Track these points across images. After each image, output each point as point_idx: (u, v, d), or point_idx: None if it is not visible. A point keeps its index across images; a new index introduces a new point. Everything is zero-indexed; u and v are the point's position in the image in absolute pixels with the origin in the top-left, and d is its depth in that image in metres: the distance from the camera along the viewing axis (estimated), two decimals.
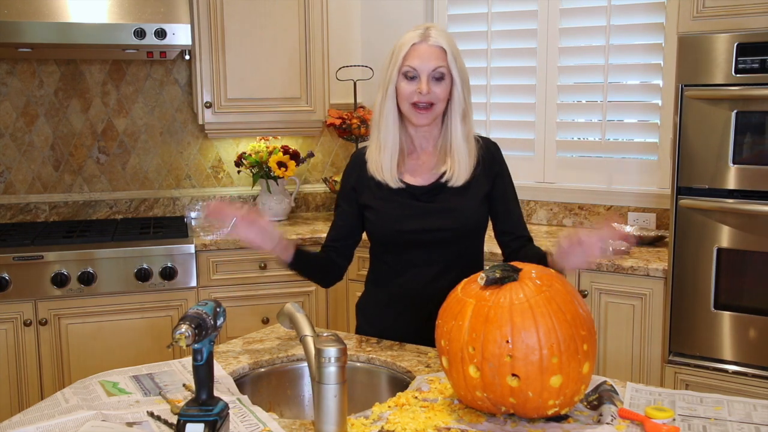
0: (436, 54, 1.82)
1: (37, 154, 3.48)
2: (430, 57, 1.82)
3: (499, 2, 3.41)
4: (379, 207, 1.92)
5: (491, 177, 1.93)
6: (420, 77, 1.82)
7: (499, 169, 1.95)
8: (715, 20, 2.42)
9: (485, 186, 1.92)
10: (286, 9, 3.36)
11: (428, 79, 1.82)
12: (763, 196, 2.39)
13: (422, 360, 1.75)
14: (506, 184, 1.96)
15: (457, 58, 1.85)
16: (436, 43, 1.82)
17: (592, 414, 1.42)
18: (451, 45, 1.85)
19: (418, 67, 1.82)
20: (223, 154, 3.70)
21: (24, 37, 2.88)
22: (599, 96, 3.24)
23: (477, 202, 1.91)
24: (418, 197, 1.90)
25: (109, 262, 2.97)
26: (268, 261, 3.17)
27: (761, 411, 1.44)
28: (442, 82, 1.83)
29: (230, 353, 1.80)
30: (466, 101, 1.88)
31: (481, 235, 1.98)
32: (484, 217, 1.95)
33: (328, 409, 1.30)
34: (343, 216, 1.99)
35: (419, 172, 1.92)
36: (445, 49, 1.83)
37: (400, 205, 1.90)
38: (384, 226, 1.92)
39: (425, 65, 1.82)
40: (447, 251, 1.91)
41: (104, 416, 1.41)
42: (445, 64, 1.83)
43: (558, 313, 1.34)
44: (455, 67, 1.84)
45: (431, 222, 1.88)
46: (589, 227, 1.69)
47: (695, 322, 2.53)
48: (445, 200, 1.89)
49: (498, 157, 1.97)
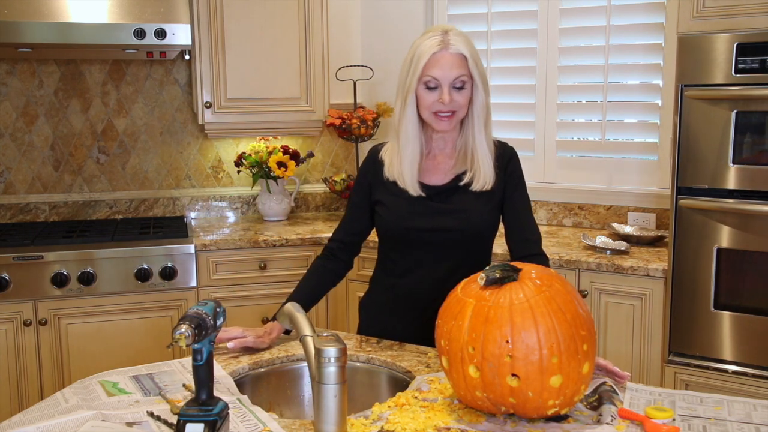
0: (458, 62, 1.79)
1: (37, 154, 3.48)
2: (452, 66, 1.79)
3: (499, 2, 3.41)
4: (390, 203, 1.92)
5: (508, 183, 1.92)
6: (441, 87, 1.79)
7: (515, 177, 1.93)
8: (715, 20, 2.42)
9: (498, 192, 1.91)
10: (286, 9, 3.36)
11: (450, 89, 1.79)
12: (763, 196, 2.39)
13: (422, 360, 1.75)
14: (521, 192, 1.94)
15: (477, 63, 1.82)
16: (457, 50, 1.79)
17: (592, 414, 1.42)
18: (471, 49, 1.81)
19: (440, 77, 1.79)
20: (223, 154, 3.70)
21: (24, 37, 2.88)
22: (599, 96, 3.24)
23: (490, 207, 1.90)
24: (431, 197, 1.90)
25: (109, 262, 2.97)
26: (268, 261, 3.17)
27: (761, 411, 1.44)
28: (464, 90, 1.82)
29: (230, 353, 1.80)
30: (487, 106, 1.87)
31: (490, 238, 1.96)
32: (494, 221, 1.93)
33: (328, 409, 1.30)
34: (354, 209, 2.00)
35: (435, 171, 1.92)
36: (466, 55, 1.79)
37: (412, 203, 1.89)
38: (393, 223, 1.92)
39: (447, 75, 1.79)
40: (454, 252, 1.90)
41: (104, 416, 1.41)
42: (466, 71, 1.80)
43: (558, 313, 1.34)
44: (477, 73, 1.82)
45: (440, 222, 1.88)
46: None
47: (695, 322, 2.53)
48: (458, 201, 1.89)
49: (515, 164, 1.95)
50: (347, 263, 2.04)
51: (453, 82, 1.79)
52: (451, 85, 1.80)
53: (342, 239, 2.02)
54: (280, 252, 3.19)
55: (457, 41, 1.80)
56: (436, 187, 1.90)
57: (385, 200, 1.92)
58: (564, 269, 2.72)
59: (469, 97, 1.83)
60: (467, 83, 1.81)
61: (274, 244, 3.17)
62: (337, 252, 2.01)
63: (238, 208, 3.75)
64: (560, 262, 2.73)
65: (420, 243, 1.90)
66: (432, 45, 1.79)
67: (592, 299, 2.71)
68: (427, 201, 1.89)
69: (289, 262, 3.20)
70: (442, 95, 1.79)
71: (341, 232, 2.02)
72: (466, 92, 1.82)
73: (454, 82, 1.79)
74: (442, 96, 1.79)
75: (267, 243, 3.17)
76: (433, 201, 1.89)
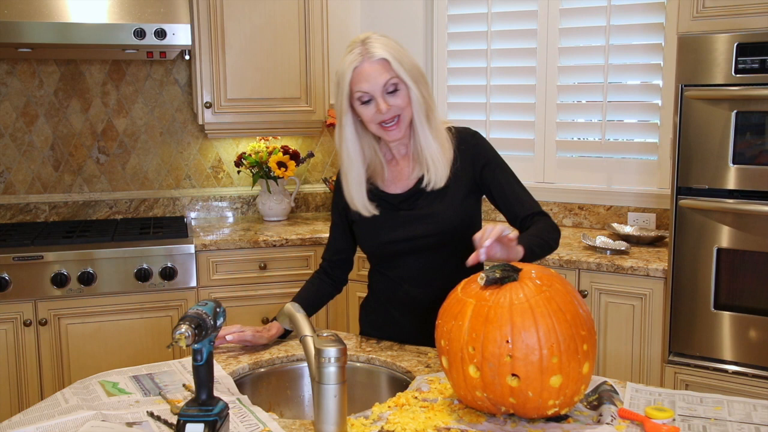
0: (382, 69, 1.73)
1: (37, 154, 3.48)
2: (377, 74, 1.73)
3: (499, 2, 3.41)
4: (363, 222, 1.90)
5: (477, 168, 1.87)
6: (375, 98, 1.74)
7: (484, 159, 1.87)
8: (715, 20, 2.42)
9: (467, 180, 1.86)
10: (286, 9, 3.36)
11: (383, 97, 1.74)
12: (762, 196, 2.39)
13: (422, 360, 1.75)
14: (497, 171, 1.87)
15: (402, 61, 1.75)
16: (377, 56, 1.73)
17: (592, 414, 1.42)
18: (392, 50, 1.75)
19: (369, 89, 1.73)
20: (223, 154, 3.70)
21: (24, 37, 2.88)
22: (599, 96, 3.24)
23: (458, 201, 1.85)
24: (397, 206, 1.87)
25: (109, 262, 2.97)
26: (268, 261, 3.17)
27: (761, 411, 1.44)
28: (398, 92, 1.75)
29: (230, 353, 1.80)
30: (426, 99, 1.79)
31: (471, 226, 1.90)
32: (470, 212, 1.89)
33: (328, 409, 1.30)
34: (335, 229, 2.00)
35: (399, 178, 1.89)
36: (387, 59, 1.73)
37: (381, 217, 1.87)
38: (370, 241, 1.91)
39: (374, 85, 1.73)
40: (439, 254, 1.88)
41: (104, 416, 1.41)
42: (392, 74, 1.74)
43: (558, 313, 1.34)
44: (404, 72, 1.75)
45: (413, 230, 1.85)
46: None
47: (695, 322, 2.53)
48: (424, 206, 1.85)
49: (479, 145, 1.88)
50: (342, 279, 2.05)
51: (384, 89, 1.74)
52: (383, 92, 1.74)
53: (330, 258, 2.02)
54: (280, 252, 3.19)
55: (376, 47, 1.73)
56: (401, 196, 1.87)
57: (358, 219, 1.90)
58: (564, 269, 2.72)
59: (407, 95, 1.77)
60: (399, 84, 1.75)
61: (274, 244, 3.17)
62: (329, 270, 2.02)
63: (238, 208, 3.75)
64: (560, 262, 2.73)
65: (402, 253, 1.88)
66: (352, 60, 1.74)
67: (592, 299, 2.71)
68: (396, 212, 1.87)
69: (289, 263, 3.20)
70: (378, 105, 1.74)
71: (329, 252, 2.03)
72: (401, 93, 1.76)
73: (385, 87, 1.74)
74: (378, 106, 1.74)
75: (267, 243, 3.17)
76: (402, 210, 1.86)
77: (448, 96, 3.57)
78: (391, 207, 1.87)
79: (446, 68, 3.54)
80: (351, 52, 1.75)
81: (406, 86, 1.76)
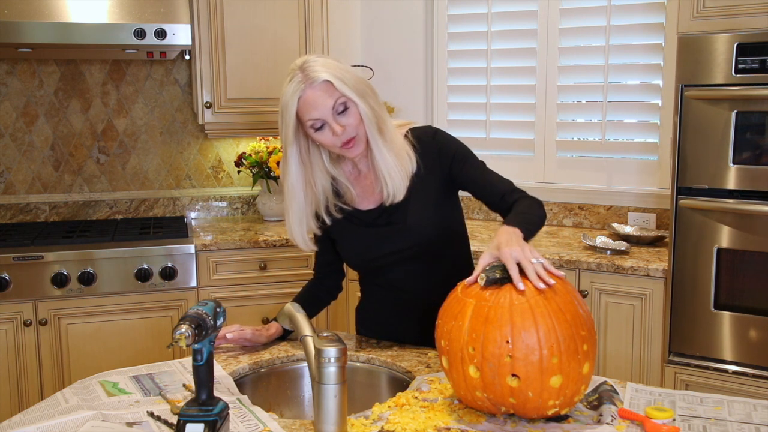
0: (326, 92, 1.67)
1: (37, 154, 3.48)
2: (323, 98, 1.66)
3: (499, 2, 3.41)
4: (341, 240, 1.89)
5: (444, 168, 1.82)
6: (327, 122, 1.68)
7: (449, 156, 1.82)
8: (715, 20, 2.42)
9: (438, 183, 1.82)
10: (286, 9, 3.36)
11: (335, 119, 1.68)
12: (763, 196, 2.39)
13: (422, 360, 1.75)
14: (464, 164, 1.82)
15: (345, 79, 1.68)
16: (319, 79, 1.66)
17: (592, 414, 1.42)
18: (332, 70, 1.68)
19: (320, 116, 1.67)
20: (223, 154, 3.70)
21: (24, 37, 2.88)
22: (599, 96, 3.24)
23: (430, 208, 1.81)
24: (370, 223, 1.84)
25: (109, 262, 2.97)
26: (268, 261, 3.17)
27: (761, 411, 1.44)
28: (348, 110, 1.69)
29: (230, 353, 1.80)
30: (376, 111, 1.73)
31: (451, 227, 1.88)
32: (448, 215, 1.86)
33: (328, 409, 1.30)
34: (320, 243, 1.94)
35: (368, 193, 1.85)
36: (330, 80, 1.66)
37: (358, 236, 1.85)
38: (353, 258, 1.91)
39: (324, 109, 1.67)
40: (424, 262, 1.85)
41: (104, 416, 1.41)
42: (338, 94, 1.67)
43: (558, 313, 1.34)
44: (348, 89, 1.68)
45: (393, 245, 1.83)
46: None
47: (695, 322, 2.53)
48: (397, 219, 1.81)
49: (440, 144, 1.83)
50: (335, 287, 2.05)
51: (334, 111, 1.68)
52: (334, 114, 1.68)
53: (320, 270, 2.02)
54: (280, 252, 3.19)
55: (316, 70, 1.67)
56: (374, 212, 1.84)
57: (339, 237, 1.89)
58: (564, 269, 2.72)
59: (357, 114, 1.70)
60: (347, 102, 1.68)
61: (274, 244, 3.17)
62: (323, 280, 2.03)
63: (238, 208, 3.75)
64: (560, 262, 2.73)
65: (386, 266, 1.87)
66: (294, 89, 1.67)
67: (592, 299, 2.71)
68: (371, 229, 1.84)
69: (289, 263, 3.20)
70: (333, 128, 1.69)
71: (318, 265, 2.02)
72: (351, 111, 1.69)
73: (335, 109, 1.68)
74: (332, 129, 1.69)
75: (267, 243, 3.17)
76: (377, 226, 1.83)
77: (448, 96, 3.57)
78: (366, 224, 1.84)
79: (446, 68, 3.54)
80: (291, 81, 1.68)
81: (355, 103, 1.70)
